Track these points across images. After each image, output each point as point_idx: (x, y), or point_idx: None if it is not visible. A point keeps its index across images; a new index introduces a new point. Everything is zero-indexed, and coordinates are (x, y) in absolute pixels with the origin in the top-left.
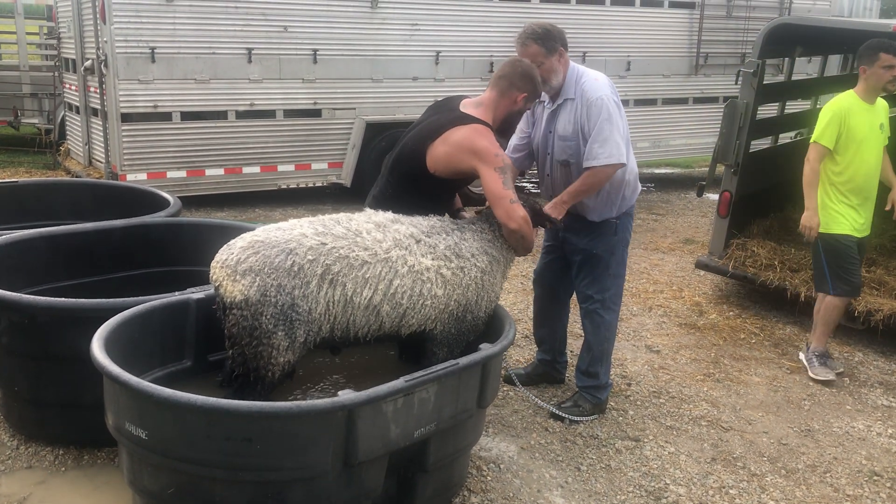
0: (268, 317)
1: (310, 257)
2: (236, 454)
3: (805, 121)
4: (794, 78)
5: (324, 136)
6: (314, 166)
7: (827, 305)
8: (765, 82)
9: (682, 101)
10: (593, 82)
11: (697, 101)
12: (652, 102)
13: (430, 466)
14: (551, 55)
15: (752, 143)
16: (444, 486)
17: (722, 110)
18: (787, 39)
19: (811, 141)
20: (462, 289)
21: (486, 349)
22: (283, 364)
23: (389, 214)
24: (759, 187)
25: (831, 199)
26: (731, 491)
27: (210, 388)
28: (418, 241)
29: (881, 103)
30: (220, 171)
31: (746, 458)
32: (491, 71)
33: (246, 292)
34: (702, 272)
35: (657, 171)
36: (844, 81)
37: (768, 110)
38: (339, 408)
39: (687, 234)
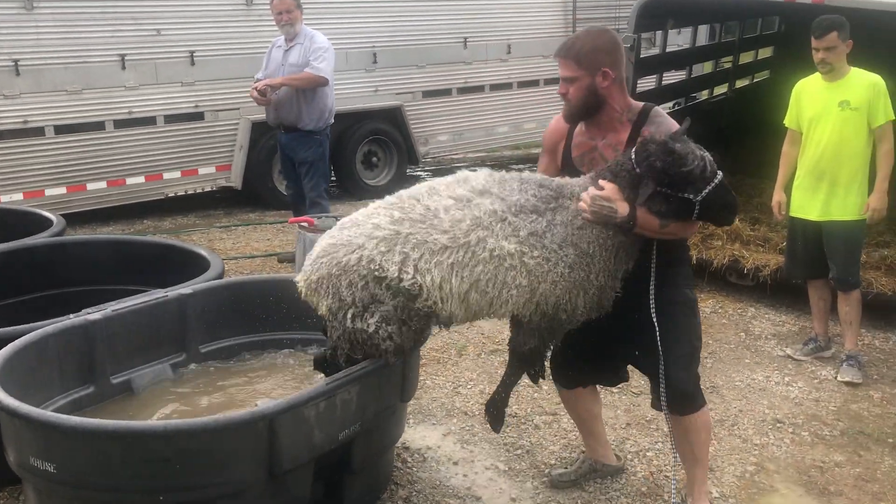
0: (351, 318)
1: (382, 248)
2: (155, 476)
3: (681, 91)
4: (667, 50)
5: (209, 139)
6: (201, 171)
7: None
8: (641, 56)
9: None
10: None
11: None
12: (535, 84)
13: (356, 467)
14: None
15: None
16: (371, 484)
17: None
18: (660, 13)
19: None
20: (548, 284)
21: None
22: (401, 350)
23: (479, 182)
24: None
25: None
26: (648, 454)
27: (118, 411)
28: (502, 220)
29: (856, 79)
30: (103, 185)
31: (658, 420)
32: (375, 62)
33: (327, 303)
34: None
35: None
36: (717, 51)
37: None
38: (258, 418)
39: None
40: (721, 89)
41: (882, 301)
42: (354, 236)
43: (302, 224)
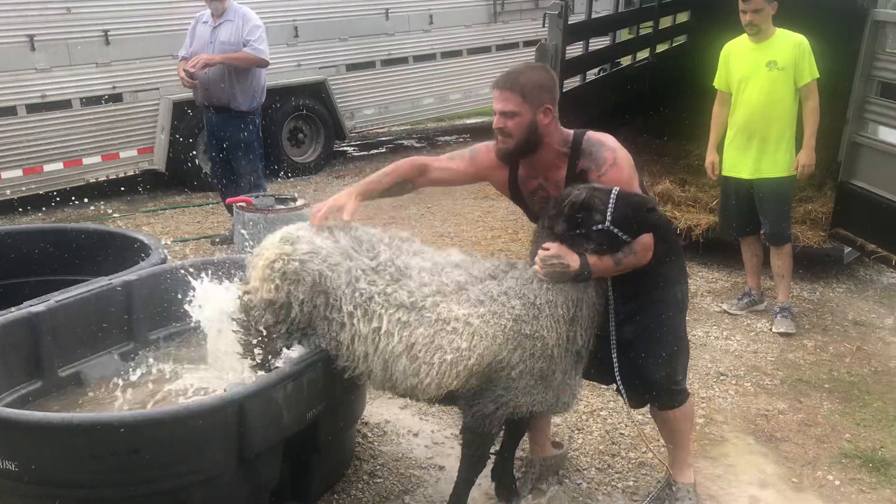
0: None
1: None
2: (125, 468)
3: (606, 57)
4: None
5: (128, 121)
6: (123, 154)
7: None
8: (569, 23)
9: (486, 49)
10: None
11: (500, 48)
12: (458, 54)
13: (322, 445)
14: None
15: (565, 83)
16: (337, 461)
17: (522, 56)
18: None
19: None
20: (489, 340)
21: None
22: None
23: (457, 257)
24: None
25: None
26: (601, 413)
27: (70, 404)
28: (461, 290)
29: (782, 40)
30: (18, 173)
31: None
32: (296, 36)
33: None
34: None
35: (468, 121)
36: (639, 16)
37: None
38: (228, 403)
39: None
40: (643, 55)
41: (808, 254)
42: (334, 257)
43: (240, 204)
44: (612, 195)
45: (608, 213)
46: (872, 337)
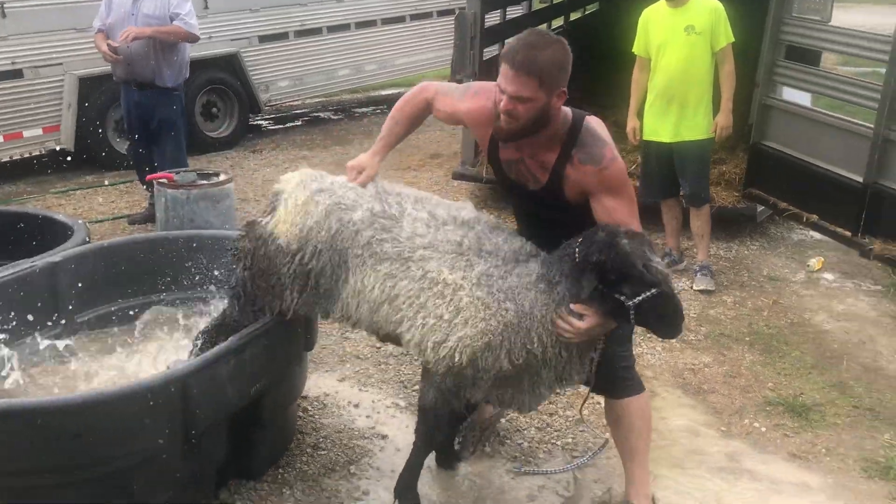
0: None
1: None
2: (66, 454)
3: (522, 25)
4: None
5: (31, 98)
6: (26, 134)
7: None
8: None
9: (401, 19)
10: None
11: (414, 17)
12: (372, 24)
13: (266, 421)
14: None
15: (485, 50)
16: (280, 436)
17: (436, 25)
18: None
19: None
20: (474, 331)
21: None
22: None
23: (468, 215)
24: None
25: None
26: None
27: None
28: (459, 254)
29: (699, 5)
30: None
31: None
32: (206, 7)
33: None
34: (456, 182)
35: (384, 92)
36: None
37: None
38: (170, 381)
39: (431, 149)
40: (557, 23)
41: (723, 214)
42: (349, 206)
43: (161, 181)
44: (654, 288)
45: (640, 297)
46: (787, 291)
